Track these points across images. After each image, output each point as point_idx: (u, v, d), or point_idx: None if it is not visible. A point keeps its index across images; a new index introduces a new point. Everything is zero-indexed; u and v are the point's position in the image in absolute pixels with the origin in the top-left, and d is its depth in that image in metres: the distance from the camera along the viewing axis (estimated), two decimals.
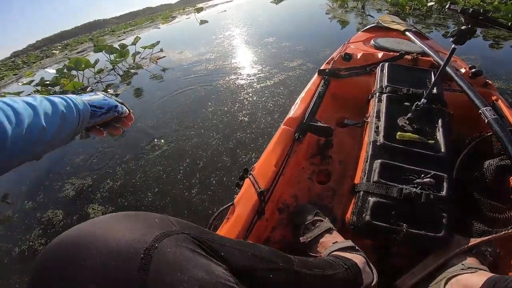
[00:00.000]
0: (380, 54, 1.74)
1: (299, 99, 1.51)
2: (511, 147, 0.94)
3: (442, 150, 1.08)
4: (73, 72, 6.06)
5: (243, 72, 4.56)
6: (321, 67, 1.76)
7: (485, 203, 0.98)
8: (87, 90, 4.91)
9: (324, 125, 1.31)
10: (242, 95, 3.58)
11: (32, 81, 6.70)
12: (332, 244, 0.89)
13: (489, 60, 3.52)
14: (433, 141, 1.12)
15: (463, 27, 1.03)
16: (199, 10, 18.50)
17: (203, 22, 12.14)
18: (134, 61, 6.56)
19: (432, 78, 1.41)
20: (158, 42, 7.30)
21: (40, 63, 18.08)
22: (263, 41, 6.30)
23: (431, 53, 1.57)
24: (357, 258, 0.83)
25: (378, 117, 1.25)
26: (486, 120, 1.06)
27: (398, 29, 2.29)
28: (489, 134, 1.08)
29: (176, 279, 0.34)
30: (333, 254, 0.85)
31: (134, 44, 7.50)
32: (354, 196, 1.04)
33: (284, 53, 5.05)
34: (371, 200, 0.96)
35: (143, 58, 7.27)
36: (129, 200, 2.38)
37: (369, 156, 1.10)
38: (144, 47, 7.21)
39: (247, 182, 1.09)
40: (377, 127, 1.21)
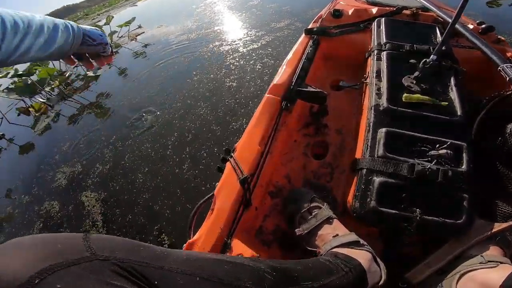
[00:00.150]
0: (375, 10, 1.49)
1: (285, 63, 1.28)
2: None
3: (458, 113, 0.90)
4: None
5: (228, 38, 4.25)
6: (309, 27, 1.51)
7: (511, 178, 0.81)
8: (66, 75, 4.61)
9: (316, 90, 1.11)
10: (228, 61, 3.32)
11: (8, 73, 6.35)
12: (332, 239, 0.76)
13: (491, 17, 3.14)
14: (447, 103, 0.94)
15: None
16: None
17: None
18: (112, 41, 6.16)
19: (438, 34, 1.21)
20: (134, 19, 6.95)
21: None
22: (247, 5, 5.93)
23: (433, 8, 1.35)
24: (362, 256, 0.70)
25: (379, 77, 1.06)
26: (508, 78, 0.89)
27: None
28: (510, 93, 0.90)
29: None
30: (333, 252, 0.72)
31: (108, 24, 7.01)
32: (356, 175, 0.87)
33: (270, 15, 4.73)
34: (377, 181, 0.79)
35: (121, 37, 6.89)
36: (120, 184, 2.26)
37: (371, 124, 0.92)
38: (120, 26, 6.73)
39: (228, 167, 0.92)
40: (379, 89, 1.01)
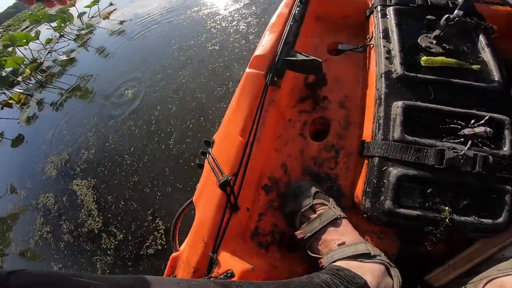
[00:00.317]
0: None
1: (268, 29, 1.03)
2: None
3: (496, 78, 0.71)
4: (16, 50, 5.31)
5: (207, 1, 3.83)
6: None
7: None
8: (39, 62, 4.31)
9: (308, 57, 0.88)
10: (209, 24, 2.99)
11: None
12: (337, 248, 0.62)
13: None
14: (479, 66, 0.75)
15: None
16: None
17: None
18: (83, 23, 5.72)
19: None
20: None
21: None
22: None
23: None
24: (371, 271, 0.57)
25: (387, 38, 0.85)
26: None
27: None
28: None
29: None
30: (335, 267, 0.59)
31: (73, 5, 6.41)
32: (366, 161, 0.70)
33: None
34: (393, 173, 0.62)
35: (93, 17, 6.35)
36: (108, 168, 2.12)
37: (383, 97, 0.73)
38: (88, 6, 6.17)
39: (206, 168, 0.75)
40: (388, 51, 0.81)
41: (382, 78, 0.75)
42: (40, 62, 4.29)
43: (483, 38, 0.80)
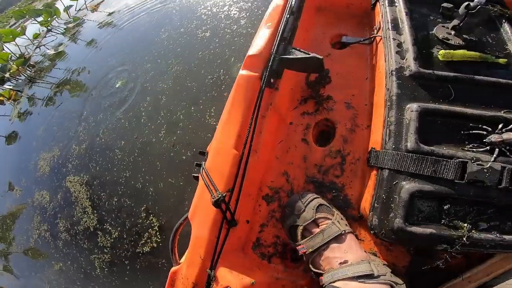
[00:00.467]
0: None
1: (262, 24, 0.89)
2: None
3: None
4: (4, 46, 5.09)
5: None
6: None
7: None
8: (26, 57, 4.10)
9: (307, 54, 0.76)
10: (200, 11, 2.77)
11: None
12: (339, 267, 0.57)
13: None
14: (506, 60, 0.65)
15: None
16: None
17: None
18: (70, 16, 5.49)
19: None
20: None
21: None
22: None
23: None
24: None
25: (397, 29, 0.74)
26: None
27: None
28: None
29: None
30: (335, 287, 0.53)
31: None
32: (375, 172, 0.62)
33: None
34: (405, 188, 0.53)
35: (80, 10, 6.08)
36: (100, 163, 2.01)
37: (394, 98, 0.63)
38: None
39: (200, 183, 0.68)
40: (399, 45, 0.70)
41: (393, 76, 0.65)
42: (27, 57, 4.09)
43: (509, 28, 0.70)
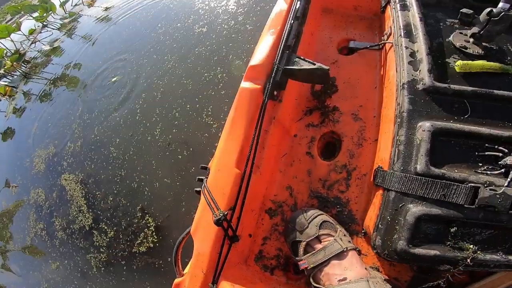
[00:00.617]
0: None
1: (265, 31, 0.82)
2: None
3: None
4: None
5: None
6: None
7: None
8: (21, 53, 3.95)
9: (312, 65, 0.70)
10: (197, 5, 2.66)
11: None
12: (337, 284, 0.55)
13: None
14: None
15: None
16: None
17: None
18: (66, 11, 5.34)
19: None
20: None
21: None
22: None
23: None
24: None
25: (410, 36, 0.67)
26: None
27: None
28: None
29: None
30: None
31: None
32: (380, 192, 0.58)
33: None
34: (411, 211, 0.50)
35: (76, 5, 5.90)
36: (95, 162, 1.94)
37: (405, 115, 0.57)
38: None
39: (202, 201, 0.65)
40: (412, 54, 0.64)
41: (405, 90, 0.59)
42: (21, 53, 3.95)
43: None
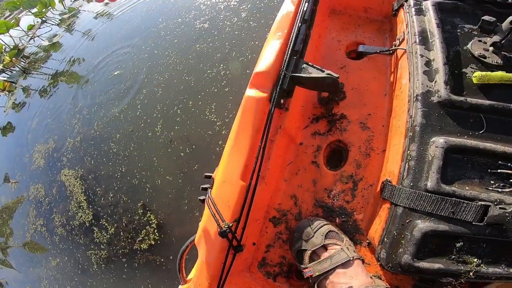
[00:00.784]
0: None
1: (271, 34, 0.76)
2: None
3: None
4: None
5: None
6: None
7: None
8: (21, 47, 3.85)
9: (320, 73, 0.65)
10: (199, 0, 2.57)
11: None
12: None
13: None
14: None
15: None
16: None
17: None
18: (65, 7, 5.23)
19: None
20: None
21: None
22: None
23: None
24: None
25: (425, 43, 0.62)
26: None
27: None
28: None
29: None
30: None
31: None
32: (387, 205, 0.56)
33: None
34: (418, 227, 0.48)
35: (75, 0, 5.77)
36: (95, 157, 1.89)
37: (418, 129, 0.53)
38: None
39: (206, 212, 0.62)
40: (428, 63, 0.59)
41: (418, 102, 0.56)
42: (20, 49, 3.84)
43: None
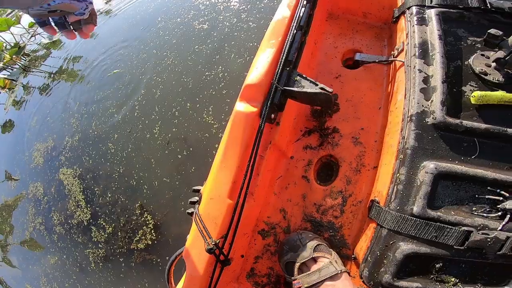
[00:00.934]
0: None
1: (264, 42, 0.72)
2: None
3: None
4: None
5: None
6: None
7: None
8: (22, 45, 3.82)
9: (314, 86, 0.61)
10: (198, 0, 2.51)
11: None
12: None
13: None
14: None
15: None
16: None
17: None
18: None
19: None
20: None
21: None
22: None
23: None
24: None
25: (425, 57, 0.58)
26: None
27: None
28: None
29: None
30: None
31: None
32: (374, 225, 0.55)
33: None
34: (401, 249, 0.48)
35: None
36: (93, 157, 1.88)
37: (409, 152, 0.51)
38: None
39: (193, 227, 0.61)
40: (425, 79, 0.55)
41: (412, 123, 0.53)
42: (21, 46, 3.79)
43: None
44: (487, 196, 0.48)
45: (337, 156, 0.72)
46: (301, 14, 0.70)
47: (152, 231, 1.51)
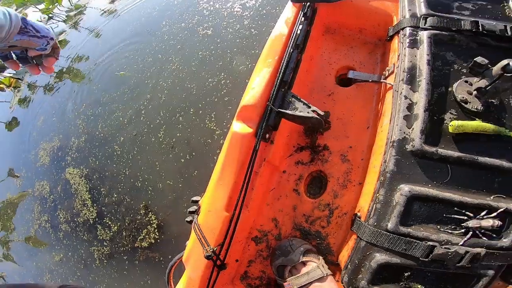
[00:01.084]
0: None
1: (261, 61, 0.75)
2: None
3: None
4: None
5: None
6: None
7: None
8: None
9: (307, 109, 0.66)
10: (202, 5, 2.58)
11: None
12: None
13: None
14: None
15: None
16: None
17: None
18: (71, 3, 5.17)
19: None
20: None
21: None
22: None
23: None
24: None
25: (412, 83, 0.62)
26: None
27: None
28: None
29: None
30: None
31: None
32: (355, 236, 0.62)
33: None
34: (376, 259, 0.56)
35: None
36: (99, 158, 1.94)
37: (388, 176, 0.57)
38: None
39: (192, 236, 0.68)
40: (409, 106, 0.60)
41: (393, 149, 0.58)
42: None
43: None
44: (454, 216, 0.54)
45: (326, 172, 0.76)
46: (299, 32, 0.73)
47: (156, 231, 1.58)
